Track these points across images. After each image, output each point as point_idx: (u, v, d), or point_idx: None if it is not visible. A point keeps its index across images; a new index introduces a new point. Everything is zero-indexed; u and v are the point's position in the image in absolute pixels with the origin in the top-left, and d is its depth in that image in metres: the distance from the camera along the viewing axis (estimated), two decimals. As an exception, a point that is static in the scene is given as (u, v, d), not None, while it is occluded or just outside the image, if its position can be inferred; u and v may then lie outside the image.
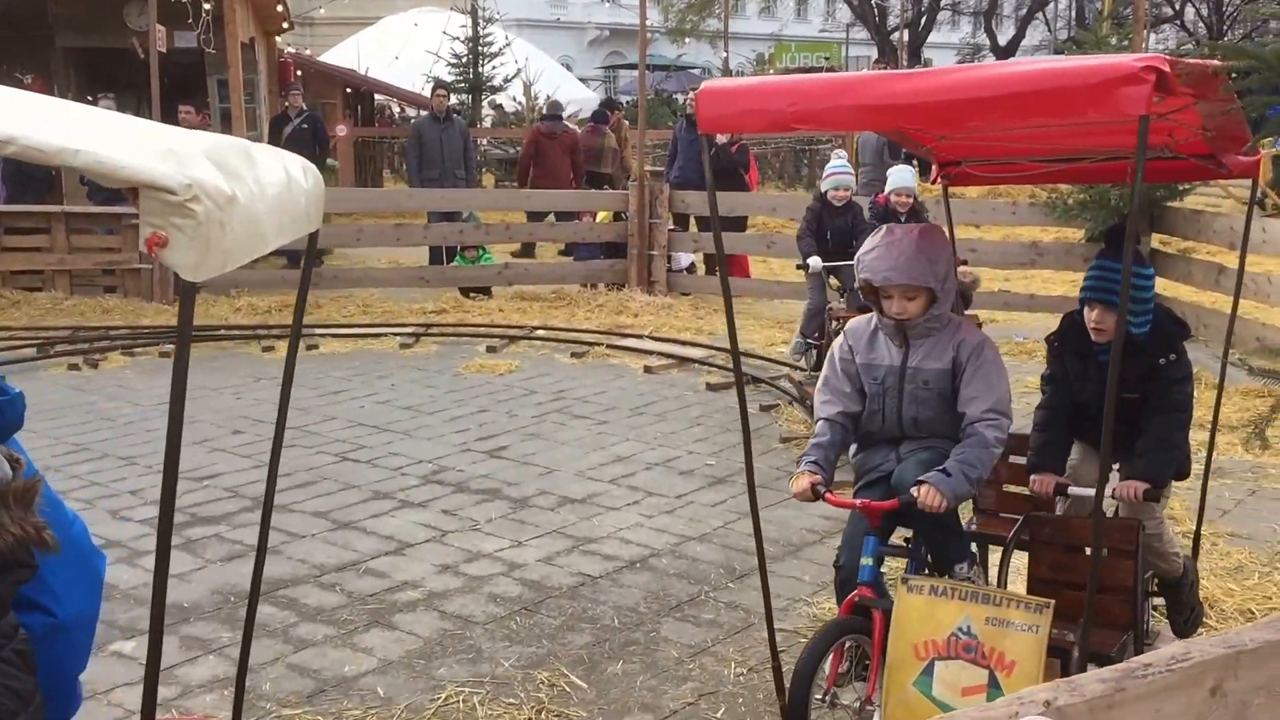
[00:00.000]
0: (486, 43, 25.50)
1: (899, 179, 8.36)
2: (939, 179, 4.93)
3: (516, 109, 25.71)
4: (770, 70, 40.35)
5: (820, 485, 3.74)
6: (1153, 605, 4.37)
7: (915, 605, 3.55)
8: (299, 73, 20.96)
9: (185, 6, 13.80)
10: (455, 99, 21.24)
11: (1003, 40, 41.72)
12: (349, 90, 25.43)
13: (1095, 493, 3.42)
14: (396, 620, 4.87)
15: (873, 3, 39.40)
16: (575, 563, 5.49)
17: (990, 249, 11.48)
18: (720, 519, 6.07)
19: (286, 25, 20.99)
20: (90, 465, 6.92)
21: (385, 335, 10.71)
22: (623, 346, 10.27)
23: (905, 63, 30.64)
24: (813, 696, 3.52)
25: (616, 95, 37.95)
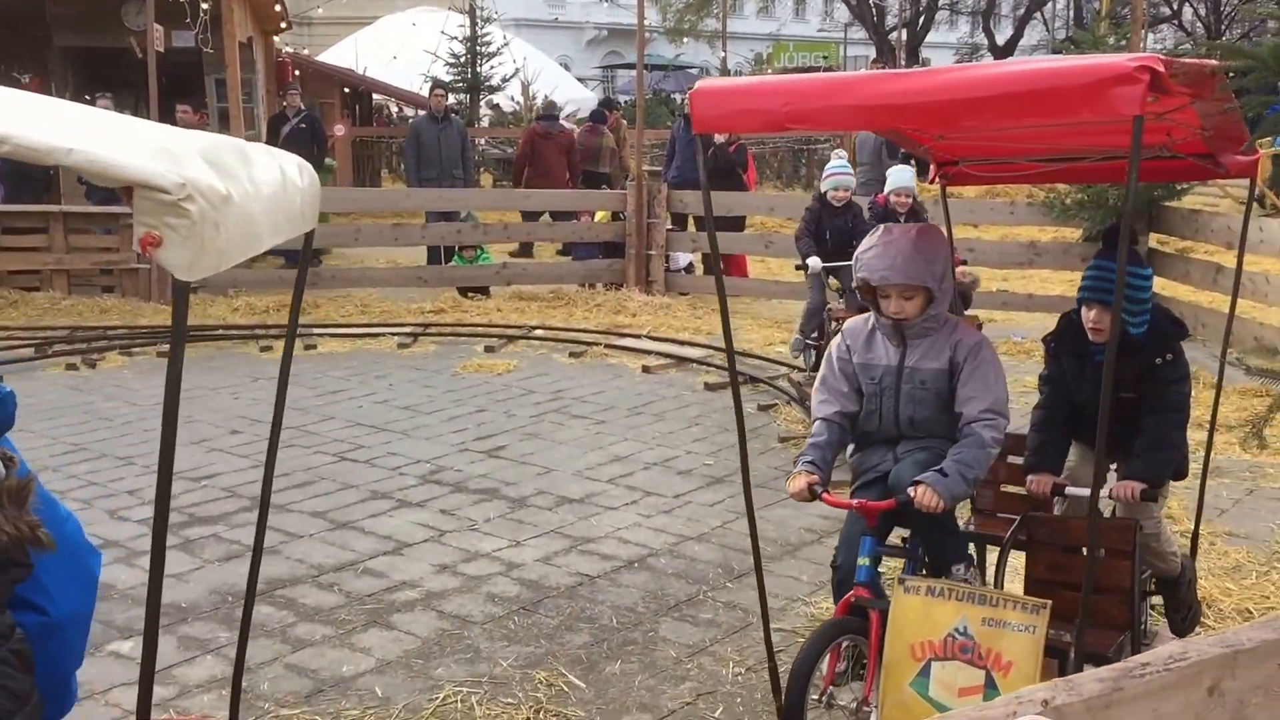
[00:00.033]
0: (484, 42, 25.58)
1: (898, 179, 8.33)
2: (937, 179, 4.93)
3: (514, 109, 25.71)
4: (768, 70, 40.33)
5: (817, 485, 3.74)
6: (1150, 604, 4.37)
7: (912, 605, 3.54)
8: (297, 72, 20.95)
9: (183, 6, 13.80)
10: (453, 99, 21.26)
11: (1001, 40, 41.81)
12: (347, 90, 25.46)
13: (1090, 493, 3.41)
14: (394, 620, 4.87)
15: (871, 2, 39.44)
16: (573, 562, 5.48)
17: (988, 249, 11.47)
18: (718, 519, 6.07)
19: (284, 25, 20.97)
20: (88, 465, 6.92)
21: (383, 335, 10.71)
22: (621, 346, 10.26)
23: (903, 62, 30.64)
24: (809, 696, 3.51)
25: (614, 95, 37.99)
